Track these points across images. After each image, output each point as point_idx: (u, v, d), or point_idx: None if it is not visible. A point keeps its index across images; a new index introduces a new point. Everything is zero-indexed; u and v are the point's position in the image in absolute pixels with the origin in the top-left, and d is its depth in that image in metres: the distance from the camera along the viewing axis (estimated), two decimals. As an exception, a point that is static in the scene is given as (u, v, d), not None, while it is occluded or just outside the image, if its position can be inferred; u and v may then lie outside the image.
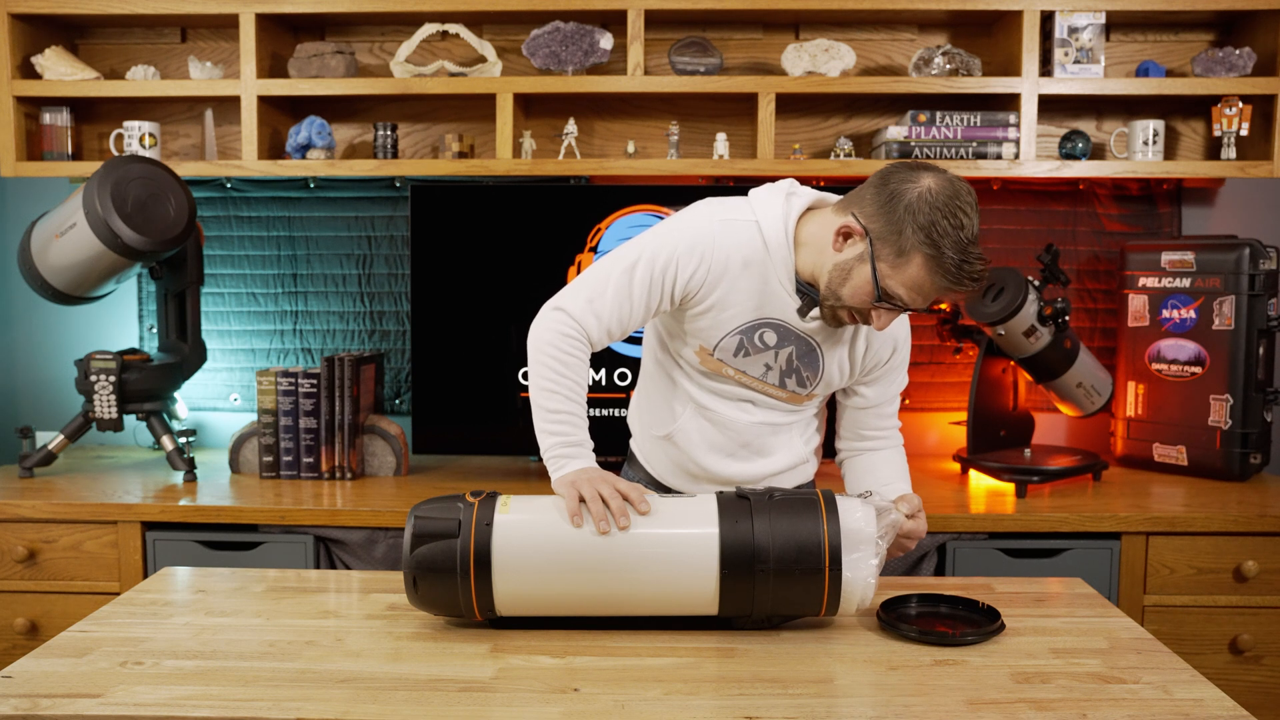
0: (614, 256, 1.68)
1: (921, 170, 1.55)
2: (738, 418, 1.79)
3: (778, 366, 1.73)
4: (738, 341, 1.70)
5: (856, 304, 1.60)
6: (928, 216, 1.50)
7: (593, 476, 1.55)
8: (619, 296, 1.64)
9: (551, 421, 1.62)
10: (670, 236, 1.66)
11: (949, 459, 2.84)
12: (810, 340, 1.71)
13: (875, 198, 1.56)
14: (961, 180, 1.54)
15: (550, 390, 1.62)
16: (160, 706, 1.29)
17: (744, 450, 1.82)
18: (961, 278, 1.52)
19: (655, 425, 1.86)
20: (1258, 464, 2.61)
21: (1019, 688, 1.35)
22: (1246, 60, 2.64)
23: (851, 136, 2.85)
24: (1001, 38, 2.75)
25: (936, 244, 1.50)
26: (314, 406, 2.62)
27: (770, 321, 1.69)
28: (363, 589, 1.75)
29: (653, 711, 1.28)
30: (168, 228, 2.50)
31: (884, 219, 1.54)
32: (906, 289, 1.55)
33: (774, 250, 1.65)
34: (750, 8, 2.63)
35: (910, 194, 1.52)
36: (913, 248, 1.52)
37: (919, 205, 1.51)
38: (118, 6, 2.68)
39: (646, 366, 1.90)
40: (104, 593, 2.37)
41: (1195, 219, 2.90)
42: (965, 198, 1.52)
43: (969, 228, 1.51)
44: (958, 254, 1.51)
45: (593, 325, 1.65)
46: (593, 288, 1.65)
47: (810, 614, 1.52)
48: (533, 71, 2.80)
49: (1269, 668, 2.34)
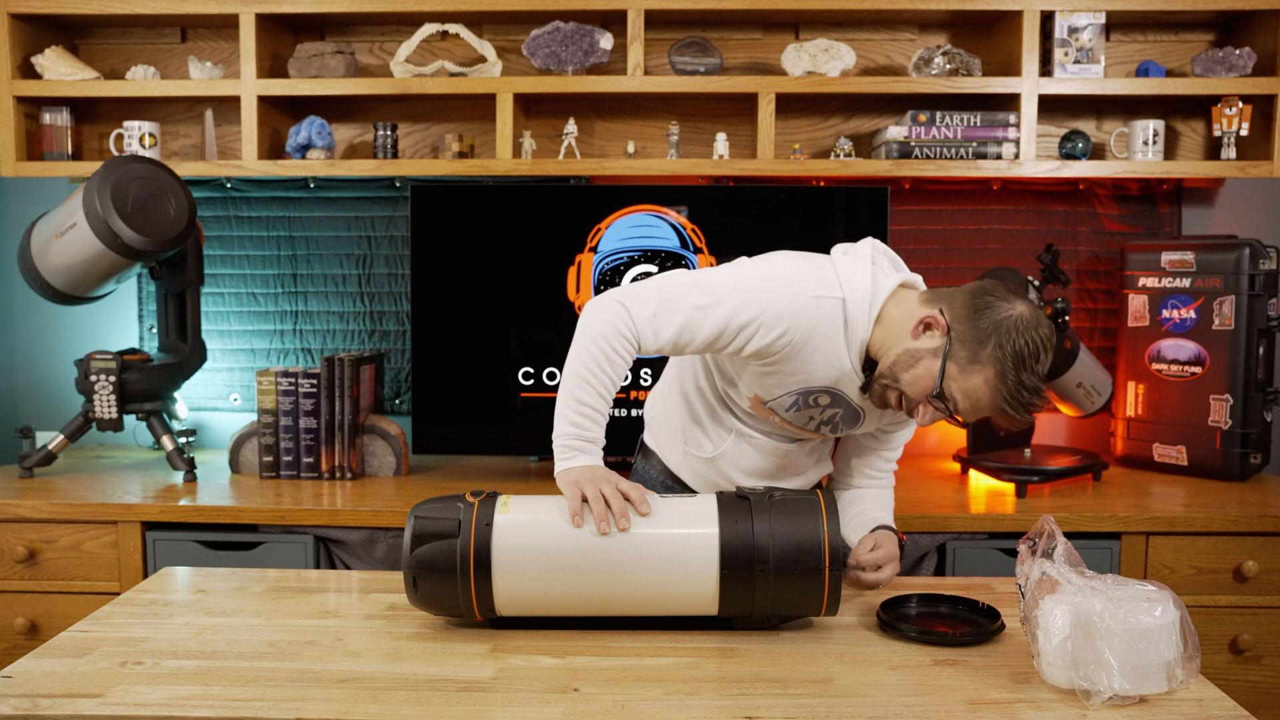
0: (695, 282, 1.63)
1: (1016, 298, 1.57)
2: (779, 446, 1.84)
3: (819, 419, 1.76)
4: (794, 399, 1.71)
5: (911, 393, 1.60)
6: (1013, 338, 1.52)
7: (595, 475, 1.55)
8: (685, 327, 1.61)
9: (575, 412, 1.60)
10: (761, 300, 1.61)
11: (949, 459, 2.84)
12: (859, 408, 1.73)
13: (968, 303, 1.57)
14: (1049, 323, 1.57)
15: (586, 381, 1.60)
16: (160, 706, 1.29)
17: (782, 472, 1.88)
18: (1018, 405, 1.54)
19: (696, 446, 1.89)
20: (1258, 464, 2.61)
21: (1019, 688, 1.35)
22: (1246, 60, 2.64)
23: (851, 136, 2.85)
24: (1001, 38, 2.75)
25: (1013, 364, 1.52)
26: (314, 406, 2.62)
27: (831, 390, 1.69)
28: (363, 589, 1.75)
29: (653, 711, 1.28)
30: (168, 228, 2.50)
31: (971, 324, 1.55)
32: (965, 396, 1.56)
33: (855, 332, 1.63)
34: (750, 8, 2.63)
35: (1004, 312, 1.54)
36: (989, 359, 1.53)
37: (1009, 325, 1.53)
38: (118, 6, 2.68)
39: (685, 389, 1.90)
40: (104, 593, 2.36)
41: (1195, 219, 2.90)
42: (1050, 337, 1.55)
43: (1044, 364, 1.54)
44: (1021, 385, 1.53)
45: (648, 338, 1.61)
46: (663, 304, 1.61)
47: (810, 614, 1.52)
48: (533, 71, 2.80)
49: (1269, 668, 2.34)
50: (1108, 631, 1.28)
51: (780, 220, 1.82)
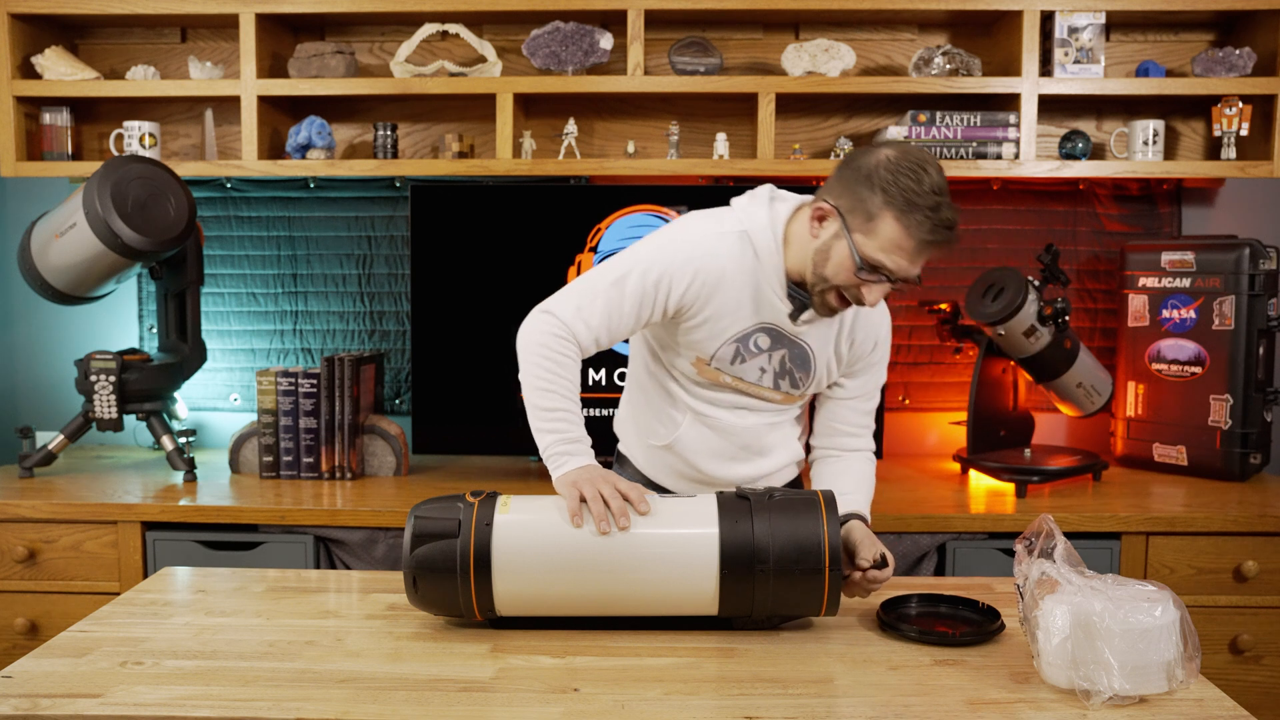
0: (605, 267, 1.69)
1: (880, 145, 1.61)
2: (736, 422, 1.80)
3: (771, 369, 1.75)
4: (734, 350, 1.72)
5: (842, 281, 1.62)
6: (890, 177, 1.55)
7: (594, 476, 1.55)
8: (608, 307, 1.65)
9: (548, 420, 1.62)
10: (664, 252, 1.67)
11: (949, 459, 2.84)
12: (802, 343, 1.74)
13: (839, 177, 1.62)
14: (920, 149, 1.60)
15: (545, 389, 1.62)
16: (160, 706, 1.29)
17: (744, 452, 1.83)
18: (935, 227, 1.55)
19: (653, 435, 1.87)
20: (1258, 464, 2.61)
21: (1019, 688, 1.35)
22: (1246, 60, 2.64)
23: (851, 136, 2.85)
24: (1001, 38, 2.75)
25: (903, 199, 1.54)
26: (314, 406, 2.62)
27: (764, 326, 1.71)
28: (363, 589, 1.75)
29: (653, 711, 1.28)
30: (168, 228, 2.50)
31: (850, 192, 1.59)
32: (885, 253, 1.58)
33: (764, 257, 1.67)
34: (750, 8, 2.63)
35: (870, 163, 1.58)
36: (881, 208, 1.56)
37: (879, 170, 1.56)
38: (118, 6, 2.68)
39: (638, 378, 1.91)
40: (104, 593, 2.36)
41: (1195, 219, 2.90)
42: (924, 156, 1.57)
43: (931, 179, 1.55)
44: (925, 204, 1.54)
45: (582, 331, 1.65)
46: (582, 295, 1.66)
47: (810, 614, 1.52)
48: (533, 71, 2.80)
49: (1269, 668, 2.34)
50: (1108, 631, 1.28)
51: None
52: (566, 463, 1.59)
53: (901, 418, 2.95)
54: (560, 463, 1.59)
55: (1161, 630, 1.29)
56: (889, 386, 2.89)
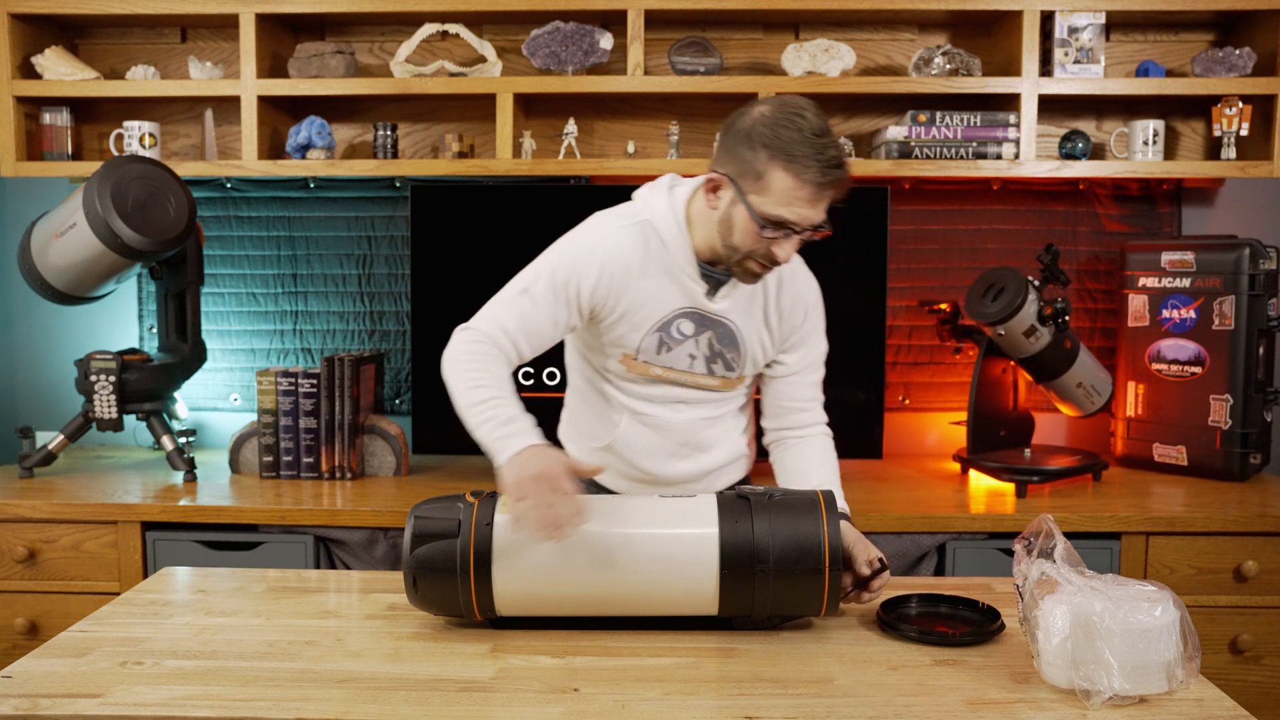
0: (517, 277, 1.71)
1: (755, 103, 1.62)
2: (673, 418, 1.80)
3: (701, 354, 1.75)
4: (657, 339, 1.73)
5: (751, 245, 1.62)
6: (769, 131, 1.56)
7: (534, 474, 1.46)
8: (521, 313, 1.66)
9: (480, 412, 1.56)
10: (568, 253, 1.70)
11: (949, 459, 2.84)
12: (726, 321, 1.74)
13: (722, 145, 1.63)
14: (794, 96, 1.61)
15: (472, 387, 1.59)
16: (160, 706, 1.29)
17: (684, 448, 1.84)
18: (824, 168, 1.55)
19: (593, 438, 1.86)
20: (1258, 464, 2.61)
21: (1019, 688, 1.35)
22: (1246, 60, 2.64)
23: (852, 136, 2.85)
24: (1001, 38, 2.75)
25: (786, 149, 1.54)
26: (314, 406, 2.62)
27: (683, 311, 1.72)
28: (363, 589, 1.75)
29: (653, 711, 1.28)
30: (168, 228, 2.50)
31: (735, 157, 1.60)
32: (783, 206, 1.57)
33: (670, 241, 1.69)
34: (750, 8, 2.63)
35: (747, 123, 1.59)
36: (767, 164, 1.56)
37: (757, 128, 1.57)
38: (118, 6, 2.68)
39: (575, 384, 1.91)
40: (104, 593, 2.36)
41: (1195, 219, 2.90)
42: (799, 102, 1.58)
43: (810, 122, 1.55)
44: (809, 149, 1.54)
45: (499, 336, 1.65)
46: (495, 306, 1.68)
47: (810, 614, 1.52)
48: (533, 71, 2.80)
49: (1269, 668, 2.34)
50: (1108, 631, 1.28)
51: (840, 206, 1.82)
52: (505, 447, 1.51)
53: (901, 418, 2.95)
54: (500, 448, 1.51)
55: (1161, 630, 1.29)
56: (889, 386, 2.90)
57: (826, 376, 1.90)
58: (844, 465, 2.74)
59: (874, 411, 2.63)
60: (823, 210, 1.60)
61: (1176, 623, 1.31)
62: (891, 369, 2.92)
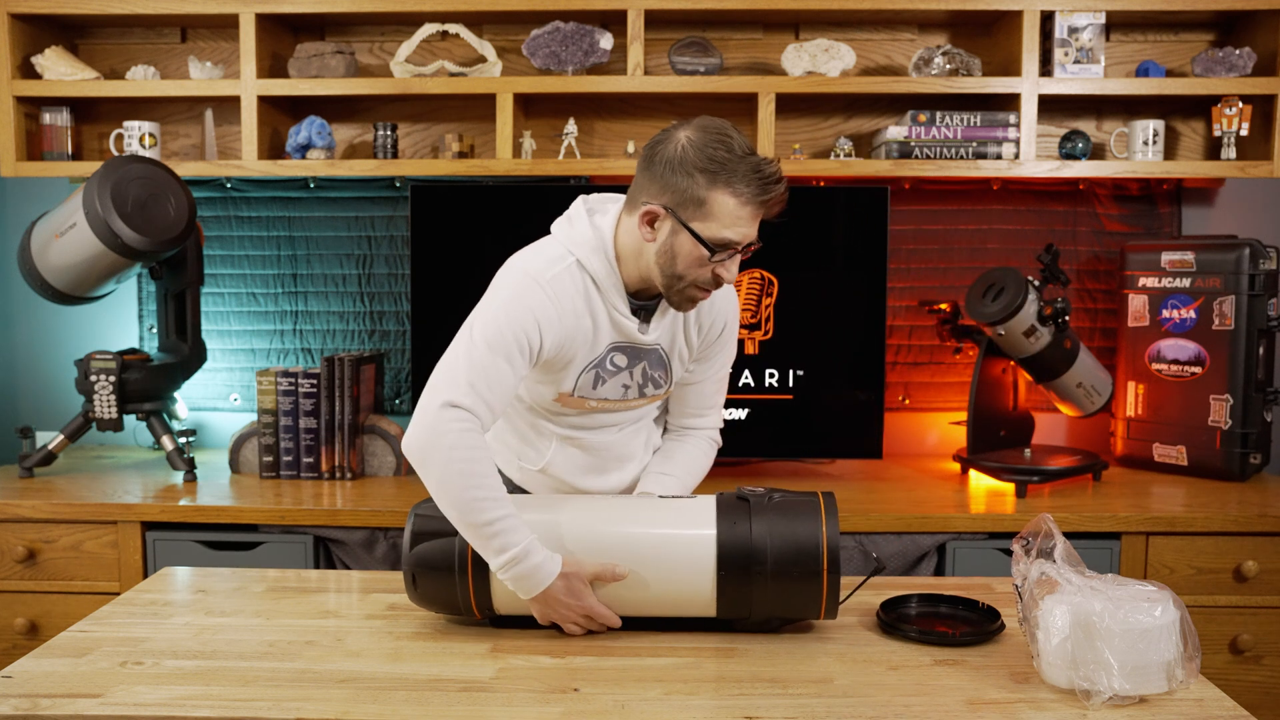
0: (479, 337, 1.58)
1: (672, 130, 1.61)
2: (602, 439, 1.80)
3: (635, 383, 1.73)
4: (593, 376, 1.69)
5: (696, 272, 1.60)
6: (701, 157, 1.54)
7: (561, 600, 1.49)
8: (497, 378, 1.55)
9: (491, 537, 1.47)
10: (518, 314, 1.59)
11: (949, 459, 2.84)
12: (658, 350, 1.72)
13: (650, 175, 1.60)
14: (709, 117, 1.60)
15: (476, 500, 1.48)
16: (160, 706, 1.29)
17: (614, 462, 1.83)
18: (764, 184, 1.55)
19: (525, 460, 1.84)
20: (1258, 464, 2.61)
21: (1019, 688, 1.35)
22: (1246, 60, 2.64)
23: (851, 136, 2.85)
24: (1001, 38, 2.75)
25: (724, 171, 1.54)
26: (314, 406, 2.62)
27: (616, 346, 1.68)
28: (363, 589, 1.75)
29: (653, 711, 1.28)
30: (168, 228, 2.50)
31: (669, 187, 1.57)
32: (729, 228, 1.56)
33: (603, 280, 1.64)
34: (750, 8, 2.63)
35: (674, 151, 1.57)
36: (707, 189, 1.55)
37: (688, 154, 1.55)
38: (118, 6, 2.68)
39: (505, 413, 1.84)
40: (104, 593, 2.36)
41: (1195, 219, 2.90)
42: (719, 124, 1.58)
43: (738, 141, 1.56)
44: (745, 167, 1.54)
45: (484, 412, 1.53)
46: (471, 372, 1.54)
47: (809, 617, 1.52)
48: (533, 71, 2.80)
49: (1269, 668, 2.34)
50: (1107, 631, 1.28)
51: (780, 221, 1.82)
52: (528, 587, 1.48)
53: (901, 418, 2.95)
54: (523, 588, 1.48)
55: (1161, 630, 1.29)
56: (889, 386, 2.90)
57: (827, 376, 1.90)
58: (844, 465, 2.77)
59: (874, 411, 2.64)
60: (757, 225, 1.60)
61: (1176, 623, 1.31)
62: (891, 369, 2.92)
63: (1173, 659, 1.30)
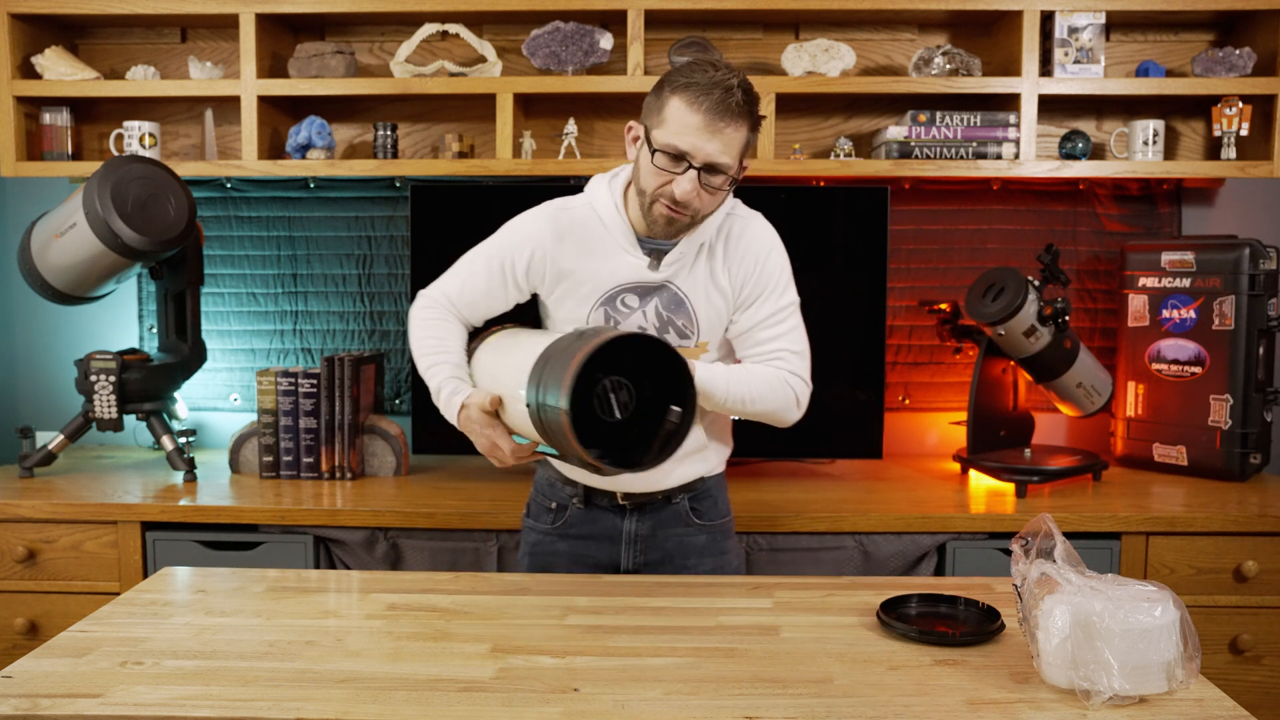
0: (468, 253, 1.87)
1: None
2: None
3: (650, 324, 1.77)
4: (604, 314, 1.77)
5: (657, 183, 1.66)
6: (673, 73, 1.65)
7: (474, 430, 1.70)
8: (467, 283, 1.83)
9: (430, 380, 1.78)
10: (507, 232, 1.83)
11: (949, 459, 2.84)
12: (670, 286, 1.77)
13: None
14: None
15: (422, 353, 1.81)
16: (160, 706, 1.29)
17: None
18: (714, 88, 1.59)
19: None
20: (1258, 464, 2.62)
21: (1019, 688, 1.35)
22: (1246, 60, 2.64)
23: (851, 136, 2.85)
24: (1001, 38, 2.75)
25: (682, 80, 1.62)
26: (314, 406, 2.62)
27: (626, 285, 1.76)
28: (363, 589, 1.75)
29: (653, 711, 1.28)
30: (168, 228, 2.50)
31: (647, 107, 1.69)
32: (677, 135, 1.62)
33: (608, 219, 1.75)
34: (750, 8, 2.63)
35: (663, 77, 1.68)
36: (665, 98, 1.64)
37: (667, 75, 1.66)
38: (118, 6, 2.68)
39: None
40: (104, 593, 2.36)
41: (1195, 219, 2.91)
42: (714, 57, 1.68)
43: (711, 59, 1.64)
44: (701, 75, 1.61)
45: (443, 300, 1.84)
46: (445, 278, 1.87)
47: None
48: (533, 71, 2.80)
49: (1269, 668, 2.34)
50: (1107, 631, 1.28)
51: (780, 221, 1.82)
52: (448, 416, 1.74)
53: (901, 418, 2.95)
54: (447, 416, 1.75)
55: (1161, 630, 1.29)
56: (889, 386, 2.90)
57: (827, 376, 1.89)
58: (844, 465, 2.77)
59: (874, 411, 2.64)
60: (722, 147, 1.62)
61: (1176, 623, 1.31)
62: (891, 369, 2.92)
63: (1173, 659, 1.30)
